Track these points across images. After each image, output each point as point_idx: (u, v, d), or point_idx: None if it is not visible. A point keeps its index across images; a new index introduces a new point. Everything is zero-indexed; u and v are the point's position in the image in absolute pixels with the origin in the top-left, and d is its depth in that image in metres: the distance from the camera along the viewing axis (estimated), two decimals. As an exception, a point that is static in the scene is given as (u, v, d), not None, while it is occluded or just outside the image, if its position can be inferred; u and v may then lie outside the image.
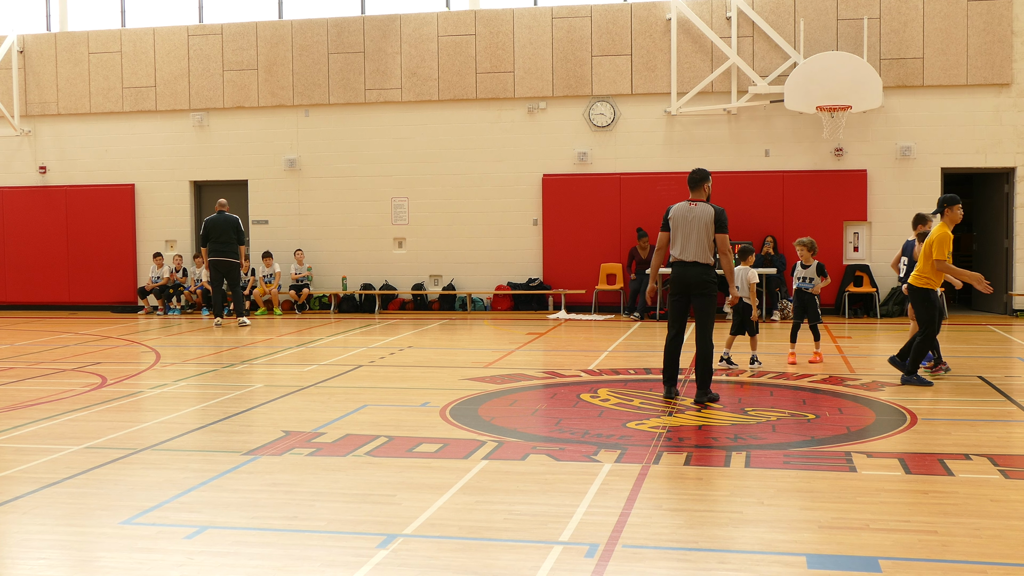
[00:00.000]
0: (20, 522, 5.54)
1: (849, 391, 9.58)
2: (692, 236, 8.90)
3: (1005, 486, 6.06)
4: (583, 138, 18.69)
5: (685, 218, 8.98)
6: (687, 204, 9.06)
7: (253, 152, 19.86)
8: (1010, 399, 9.09)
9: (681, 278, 9.00)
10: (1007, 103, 17.35)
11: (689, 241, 8.92)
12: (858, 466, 6.54)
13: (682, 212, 9.03)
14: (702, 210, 8.95)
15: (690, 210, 8.99)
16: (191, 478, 6.40)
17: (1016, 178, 17.43)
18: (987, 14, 17.26)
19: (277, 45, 19.56)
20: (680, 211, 9.05)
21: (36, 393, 9.84)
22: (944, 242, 9.77)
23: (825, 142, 17.75)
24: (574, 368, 11.28)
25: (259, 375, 11.17)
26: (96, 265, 20.37)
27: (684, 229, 8.95)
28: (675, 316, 9.12)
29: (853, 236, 17.89)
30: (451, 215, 19.22)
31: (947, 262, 9.77)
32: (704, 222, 8.90)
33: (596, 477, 6.29)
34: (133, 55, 20.13)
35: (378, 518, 5.49)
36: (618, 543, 5.00)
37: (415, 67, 19.11)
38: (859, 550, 4.87)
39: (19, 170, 20.79)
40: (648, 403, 8.94)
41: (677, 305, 9.10)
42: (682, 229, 8.96)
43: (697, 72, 18.13)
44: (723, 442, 7.40)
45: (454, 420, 8.23)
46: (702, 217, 8.91)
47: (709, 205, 9.00)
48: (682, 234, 8.96)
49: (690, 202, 9.06)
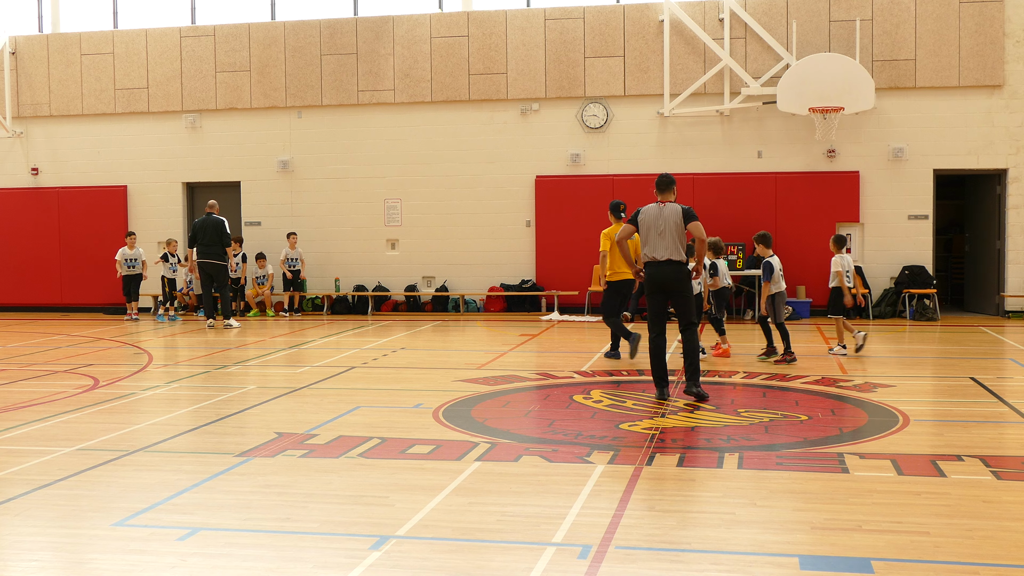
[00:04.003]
0: (12, 524, 5.52)
1: (842, 392, 9.60)
2: (665, 234, 9.13)
3: (997, 487, 6.07)
4: (576, 139, 18.71)
5: (656, 219, 9.20)
6: (657, 206, 9.29)
7: (246, 153, 19.84)
8: (1002, 400, 9.12)
9: (656, 277, 9.20)
10: (999, 104, 17.41)
11: (663, 239, 9.13)
12: (851, 467, 6.55)
13: (652, 213, 9.25)
14: (671, 209, 9.20)
15: (660, 211, 9.23)
16: (184, 480, 6.38)
17: (1008, 179, 17.48)
18: (979, 16, 17.32)
19: (270, 46, 19.54)
20: (651, 212, 9.27)
21: (28, 395, 9.81)
22: (605, 238, 12.10)
23: (818, 143, 17.79)
24: (567, 369, 11.29)
25: (252, 377, 11.15)
26: (88, 267, 20.32)
27: (657, 228, 9.17)
28: (655, 315, 9.29)
29: (845, 237, 17.88)
30: (444, 216, 19.22)
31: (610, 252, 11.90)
32: (674, 220, 9.14)
33: (589, 478, 6.29)
34: (125, 56, 20.10)
35: (371, 519, 5.49)
36: (611, 544, 5.01)
37: (408, 68, 19.11)
38: (851, 551, 4.88)
39: (11, 171, 20.74)
40: (641, 404, 8.95)
41: (656, 304, 9.27)
42: (654, 228, 9.19)
43: (690, 74, 18.16)
44: (716, 443, 7.40)
45: (447, 422, 8.23)
46: (671, 216, 9.16)
47: (677, 204, 9.25)
48: (653, 235, 9.18)
49: (659, 204, 9.29)
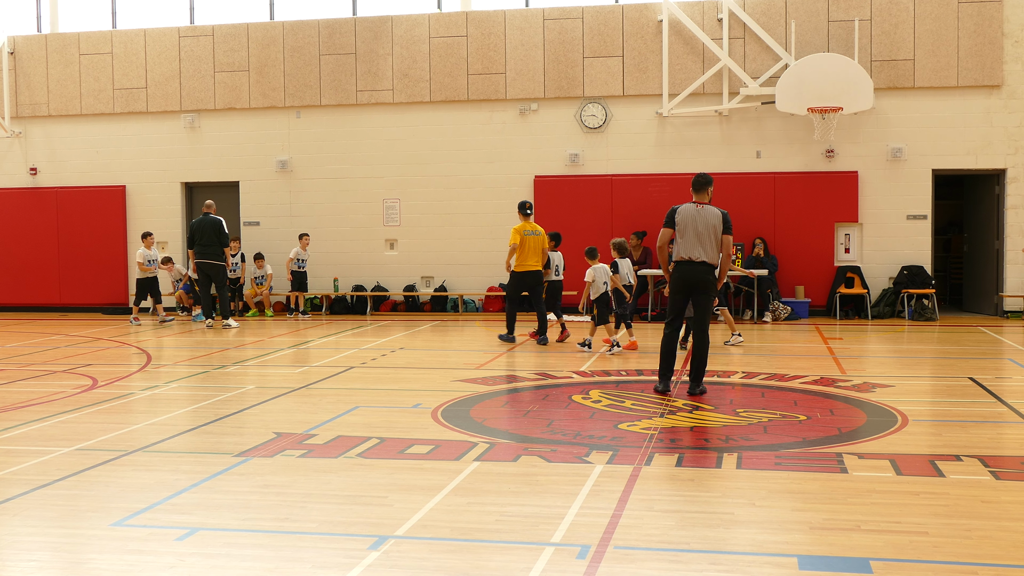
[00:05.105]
0: (11, 524, 5.52)
1: (840, 392, 9.60)
2: (703, 237, 9.21)
3: (996, 487, 6.07)
4: (575, 139, 18.71)
5: (695, 219, 9.27)
6: (693, 206, 9.36)
7: (244, 153, 19.83)
8: (1001, 400, 9.12)
9: (686, 276, 9.29)
10: (998, 104, 17.41)
11: (700, 241, 9.22)
12: (849, 467, 6.55)
13: (691, 213, 9.31)
14: (711, 212, 9.29)
15: (699, 212, 9.30)
16: (182, 480, 6.38)
17: (1007, 179, 17.48)
18: (977, 16, 17.32)
19: (268, 46, 19.54)
20: (688, 212, 9.33)
21: (27, 395, 9.81)
22: (515, 233, 13.65)
23: (816, 143, 17.79)
24: (565, 369, 11.29)
25: (251, 376, 11.15)
26: (87, 267, 20.32)
27: (694, 230, 9.24)
28: (676, 312, 9.45)
29: (844, 238, 17.93)
30: (443, 216, 19.22)
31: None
32: (713, 224, 9.24)
33: (588, 478, 6.29)
34: (124, 56, 20.09)
35: (370, 519, 5.49)
36: (610, 544, 5.01)
37: (407, 68, 19.11)
38: (850, 551, 4.88)
39: (10, 171, 20.73)
40: (640, 404, 8.95)
41: (679, 303, 9.42)
42: (691, 230, 9.25)
43: (688, 74, 18.16)
44: (714, 443, 7.41)
45: (446, 421, 8.23)
46: (711, 219, 9.25)
47: (715, 208, 9.34)
48: (692, 235, 9.25)
49: (696, 204, 9.36)
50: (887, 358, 12.75)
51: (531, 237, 13.88)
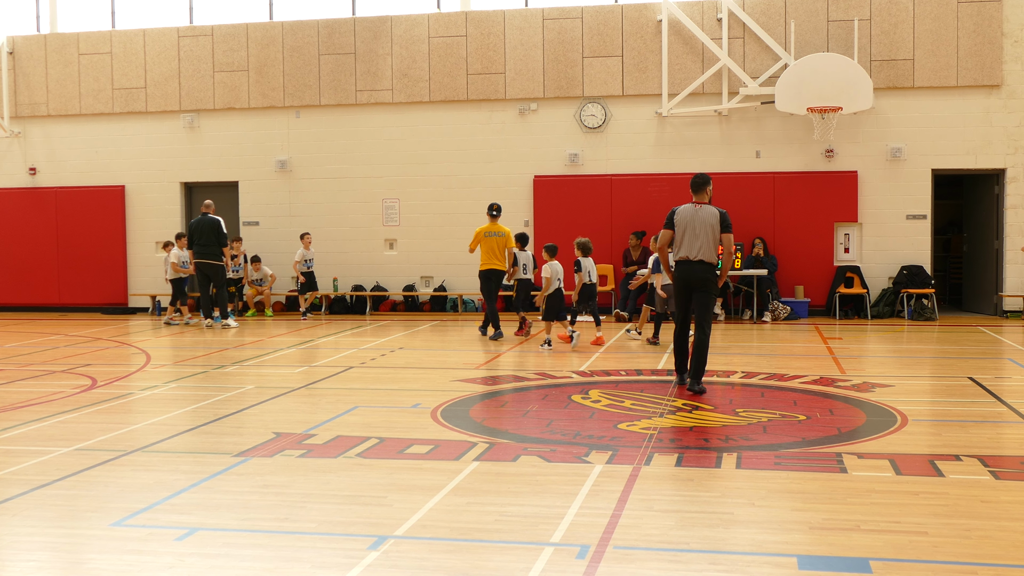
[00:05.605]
0: (10, 524, 5.52)
1: (840, 392, 9.60)
2: (701, 236, 9.42)
3: (995, 487, 6.07)
4: (574, 139, 18.70)
5: (693, 219, 9.49)
6: (692, 206, 9.57)
7: (244, 153, 19.83)
8: (1000, 400, 9.12)
9: (686, 275, 9.52)
10: (997, 104, 17.41)
11: (697, 240, 9.43)
12: (849, 467, 6.55)
13: (689, 213, 9.54)
14: (709, 212, 9.48)
15: (697, 212, 9.51)
16: (181, 480, 6.38)
17: (1006, 179, 17.48)
18: (977, 15, 17.32)
19: (268, 46, 19.54)
20: (687, 212, 9.56)
21: (26, 395, 9.80)
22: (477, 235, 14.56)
23: (816, 143, 17.79)
24: (565, 369, 11.29)
25: (250, 376, 11.14)
26: (86, 267, 20.32)
27: (693, 229, 9.46)
28: (681, 310, 9.77)
29: (844, 237, 17.93)
30: (442, 216, 19.21)
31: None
32: (711, 223, 9.43)
33: (587, 478, 6.29)
34: (123, 56, 20.09)
35: (369, 519, 5.48)
36: (609, 544, 5.01)
37: (406, 68, 19.10)
38: (850, 551, 4.88)
39: (9, 171, 20.72)
40: (639, 404, 8.95)
41: (683, 301, 9.67)
42: (690, 229, 9.47)
43: (688, 73, 18.16)
44: (714, 443, 7.40)
45: (445, 421, 8.22)
46: (709, 218, 9.44)
47: (713, 207, 9.52)
48: (690, 234, 9.47)
49: (695, 204, 9.56)
50: (887, 358, 12.75)
51: (492, 238, 14.69)
